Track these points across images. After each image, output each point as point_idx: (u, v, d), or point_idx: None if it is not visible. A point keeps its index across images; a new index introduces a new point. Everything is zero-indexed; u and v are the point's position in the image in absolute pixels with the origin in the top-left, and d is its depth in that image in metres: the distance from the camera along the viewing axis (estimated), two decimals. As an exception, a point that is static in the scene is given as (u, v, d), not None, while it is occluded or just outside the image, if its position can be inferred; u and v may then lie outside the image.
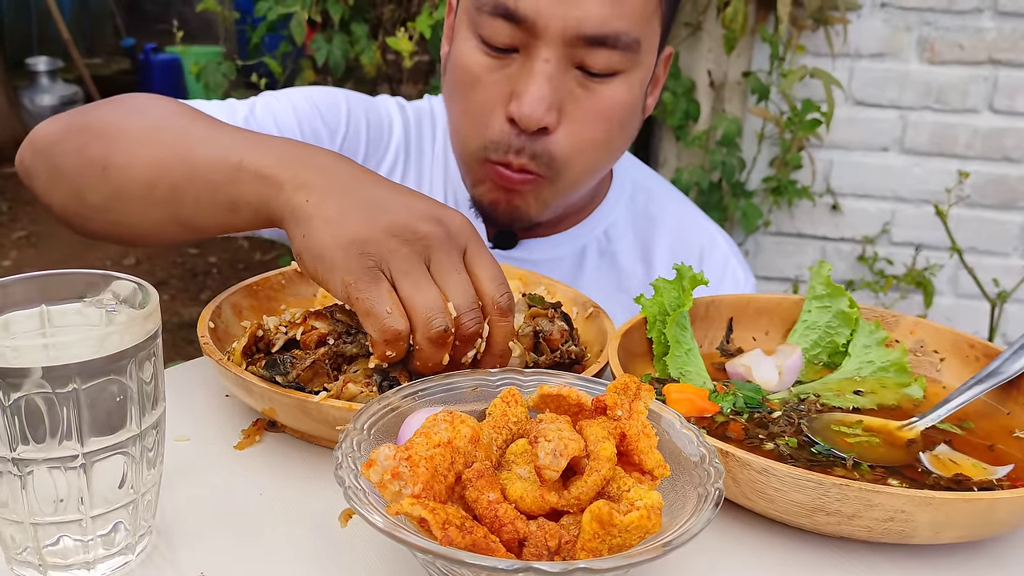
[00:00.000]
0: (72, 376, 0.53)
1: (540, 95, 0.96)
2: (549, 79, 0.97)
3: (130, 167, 0.86)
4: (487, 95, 1.00)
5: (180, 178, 0.83)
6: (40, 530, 0.56)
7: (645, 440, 0.58)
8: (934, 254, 2.62)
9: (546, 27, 0.95)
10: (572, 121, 1.00)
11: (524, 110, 0.96)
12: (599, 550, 0.51)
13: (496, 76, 1.00)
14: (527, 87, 0.97)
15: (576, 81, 0.99)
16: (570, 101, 0.99)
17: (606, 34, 0.96)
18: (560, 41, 0.96)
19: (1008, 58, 2.42)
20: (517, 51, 0.98)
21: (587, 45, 0.96)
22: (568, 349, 0.85)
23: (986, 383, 0.82)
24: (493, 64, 1.00)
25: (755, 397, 0.81)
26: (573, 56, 0.97)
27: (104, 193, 0.88)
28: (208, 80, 2.72)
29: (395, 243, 0.70)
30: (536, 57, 0.97)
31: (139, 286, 0.61)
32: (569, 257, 1.23)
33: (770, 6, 2.43)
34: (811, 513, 0.64)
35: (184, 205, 0.84)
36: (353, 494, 0.52)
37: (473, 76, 1.01)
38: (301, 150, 0.81)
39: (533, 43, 0.97)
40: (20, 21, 7.67)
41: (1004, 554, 0.69)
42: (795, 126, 2.48)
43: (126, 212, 0.88)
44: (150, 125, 0.89)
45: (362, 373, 0.75)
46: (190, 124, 0.88)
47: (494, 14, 0.97)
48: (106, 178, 0.87)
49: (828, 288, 0.94)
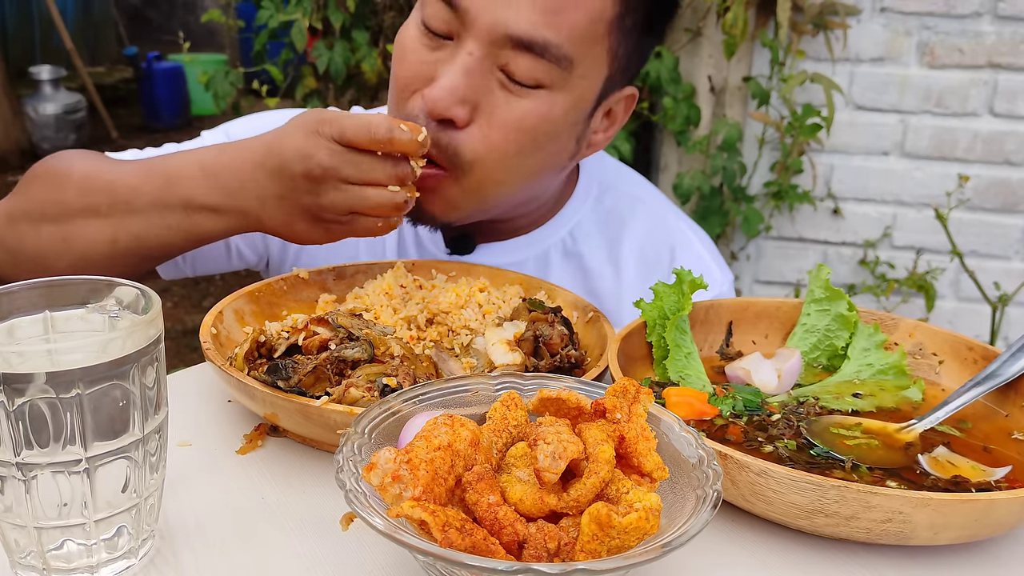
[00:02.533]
0: (75, 381, 0.54)
1: (453, 85, 0.95)
2: (468, 72, 0.95)
3: (87, 233, 0.98)
4: (412, 73, 1.00)
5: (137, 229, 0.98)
6: (44, 534, 0.57)
7: (644, 443, 0.59)
8: (935, 258, 2.62)
9: (476, 19, 0.94)
10: (485, 123, 0.98)
11: (434, 94, 0.95)
12: (598, 552, 0.52)
13: (425, 57, 0.99)
14: (444, 75, 0.96)
15: (498, 83, 0.97)
16: (487, 102, 0.97)
17: (533, 39, 0.94)
18: (487, 37, 0.95)
19: (1008, 62, 2.42)
20: (451, 39, 0.98)
21: (513, 47, 0.95)
22: (568, 353, 0.86)
23: (984, 385, 0.82)
24: (427, 46, 0.99)
25: (754, 400, 0.81)
26: (498, 56, 0.96)
27: (71, 259, 0.99)
28: (217, 89, 2.73)
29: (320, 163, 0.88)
30: (462, 49, 0.96)
31: (141, 292, 0.61)
32: (532, 260, 1.21)
33: (770, 11, 2.44)
34: (810, 515, 0.64)
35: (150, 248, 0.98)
36: (354, 497, 0.52)
37: (405, 51, 1.01)
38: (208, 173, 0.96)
39: (463, 34, 0.96)
40: (23, 30, 7.71)
41: (1002, 555, 0.69)
42: (796, 131, 2.49)
43: (97, 268, 0.98)
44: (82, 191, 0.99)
45: (364, 378, 0.75)
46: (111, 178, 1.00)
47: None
48: (69, 248, 0.99)
49: (827, 291, 0.94)
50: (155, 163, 1.00)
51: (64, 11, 7.01)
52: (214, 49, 7.77)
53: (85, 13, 8.47)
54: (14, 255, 1.02)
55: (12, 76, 6.14)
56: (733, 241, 2.68)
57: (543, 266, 1.22)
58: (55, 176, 1.02)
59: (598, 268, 1.23)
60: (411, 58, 1.00)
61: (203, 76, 2.78)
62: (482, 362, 0.86)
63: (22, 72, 6.51)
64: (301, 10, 2.50)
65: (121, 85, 7.86)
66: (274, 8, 2.57)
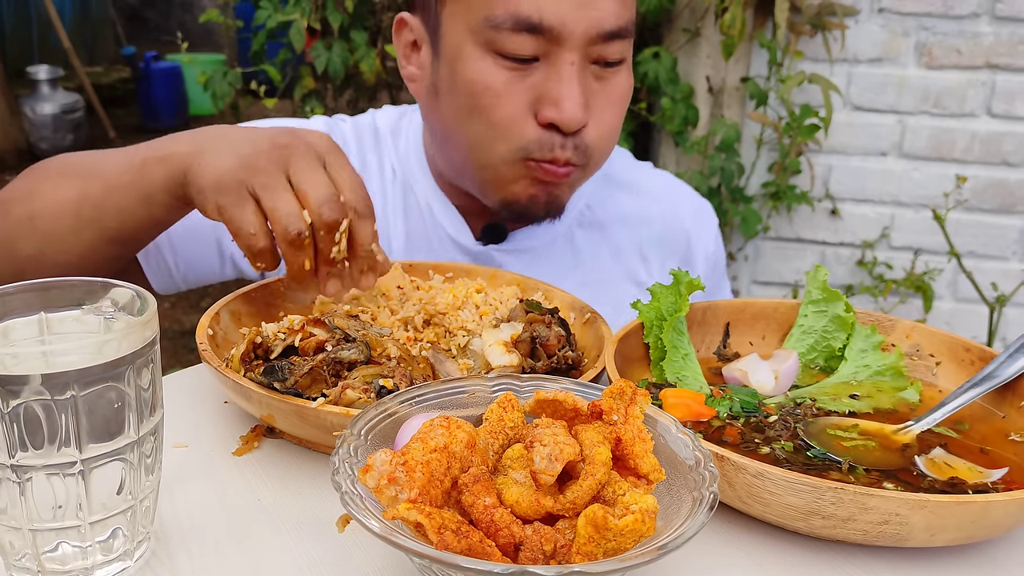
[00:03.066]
0: (70, 383, 0.54)
1: (574, 99, 1.01)
2: (579, 81, 1.02)
3: (54, 207, 0.97)
4: (513, 106, 1.03)
5: (98, 196, 0.95)
6: (39, 536, 0.57)
7: (640, 445, 0.59)
8: (933, 258, 2.62)
9: (572, 33, 1.00)
10: (597, 113, 1.06)
11: (566, 115, 1.01)
12: (594, 554, 0.52)
13: (520, 87, 1.03)
14: (562, 93, 1.01)
15: (593, 75, 1.05)
16: (591, 95, 1.05)
17: (621, 27, 1.03)
18: (583, 43, 1.01)
19: (1006, 62, 2.42)
20: (537, 59, 1.02)
21: (604, 41, 1.02)
22: (565, 354, 0.86)
23: (982, 386, 0.82)
24: (514, 76, 1.03)
25: (751, 401, 0.81)
26: (590, 54, 1.03)
27: (35, 241, 0.98)
28: (215, 89, 2.72)
29: (256, 161, 0.81)
30: (562, 62, 1.01)
31: (137, 294, 0.61)
32: (560, 238, 1.26)
33: (768, 12, 2.44)
34: (806, 517, 0.64)
35: (108, 217, 0.95)
36: (350, 499, 0.52)
37: (495, 91, 1.03)
38: (192, 131, 0.92)
39: (555, 50, 1.01)
40: (21, 30, 7.70)
41: (998, 556, 0.69)
42: (794, 131, 2.49)
43: (60, 249, 0.98)
44: (59, 172, 1.00)
45: (360, 379, 0.75)
46: (93, 156, 1.00)
47: (517, 30, 1.00)
48: (34, 227, 0.98)
49: (824, 292, 0.94)
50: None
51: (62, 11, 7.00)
52: (212, 49, 7.77)
53: (83, 13, 8.46)
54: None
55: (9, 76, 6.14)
56: (731, 242, 2.68)
57: (570, 241, 1.27)
58: (37, 167, 1.04)
59: (617, 231, 1.30)
60: (508, 92, 1.03)
61: (202, 76, 2.77)
62: (479, 363, 0.86)
63: (20, 72, 6.51)
64: (299, 10, 2.50)
65: (119, 85, 7.85)
66: (272, 8, 2.57)
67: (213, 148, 0.86)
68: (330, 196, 0.81)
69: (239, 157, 0.83)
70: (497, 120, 1.04)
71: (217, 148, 0.86)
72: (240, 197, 0.82)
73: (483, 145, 1.07)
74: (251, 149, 0.83)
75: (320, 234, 0.82)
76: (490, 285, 1.03)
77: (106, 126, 6.48)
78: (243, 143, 0.85)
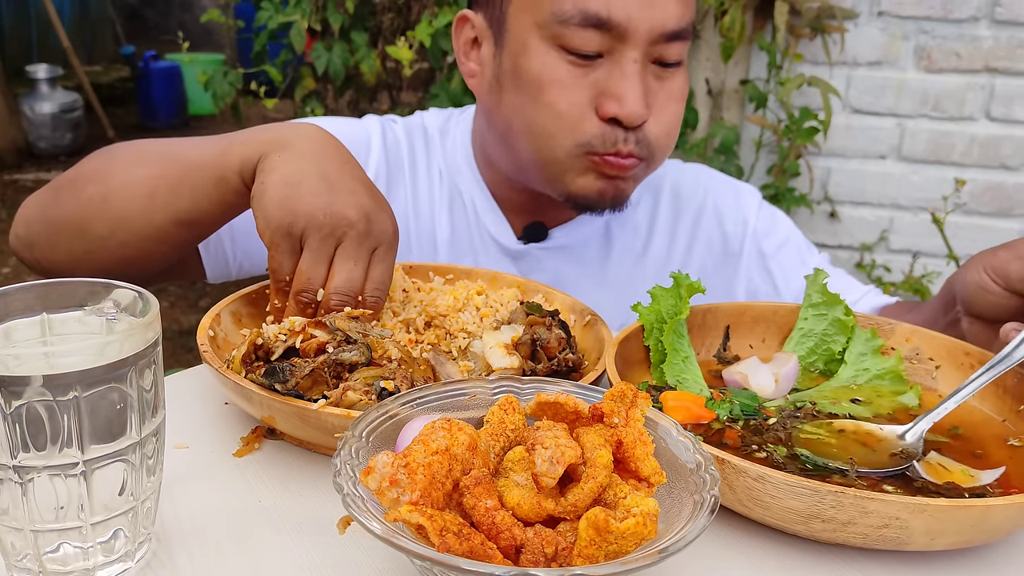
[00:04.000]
0: (73, 384, 0.54)
1: (638, 95, 1.04)
2: (641, 78, 1.05)
3: (129, 187, 0.98)
4: (577, 99, 1.07)
5: (178, 176, 0.95)
6: (40, 537, 0.57)
7: (641, 447, 0.59)
8: (931, 261, 2.63)
9: (636, 31, 1.03)
10: (659, 110, 1.09)
11: (627, 110, 1.04)
12: (595, 556, 0.52)
13: (584, 81, 1.06)
14: (625, 89, 1.04)
15: (653, 75, 1.08)
16: (651, 93, 1.08)
17: (683, 28, 1.06)
18: (646, 41, 1.04)
19: (1005, 66, 2.43)
20: (601, 56, 1.06)
21: (666, 41, 1.06)
22: (565, 357, 0.86)
23: (996, 368, 0.80)
24: (579, 71, 1.06)
25: (751, 405, 0.81)
26: (652, 53, 1.06)
27: (108, 220, 0.99)
28: (216, 89, 2.72)
29: (321, 220, 0.83)
30: (626, 59, 1.05)
31: (139, 295, 0.61)
32: (594, 234, 1.29)
33: (767, 15, 2.45)
34: (807, 520, 0.64)
35: (183, 198, 0.95)
36: (351, 501, 0.52)
37: (560, 84, 1.07)
38: (287, 125, 0.93)
39: (619, 47, 1.05)
40: (20, 29, 7.69)
41: (998, 560, 0.69)
42: (793, 134, 2.49)
43: (129, 230, 0.99)
44: (137, 156, 1.02)
45: (361, 381, 0.75)
46: (173, 144, 1.01)
47: (584, 25, 1.04)
48: (108, 207, 0.99)
49: (824, 296, 0.94)
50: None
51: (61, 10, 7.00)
52: (211, 49, 7.76)
53: (82, 12, 8.46)
54: (55, 226, 1.04)
55: (8, 75, 6.13)
56: (730, 244, 2.68)
57: (604, 238, 1.30)
58: (111, 148, 1.06)
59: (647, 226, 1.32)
60: (573, 86, 1.07)
61: (203, 76, 2.77)
62: (479, 365, 0.86)
63: (19, 71, 6.50)
64: (300, 11, 2.50)
65: (118, 84, 7.84)
66: (273, 9, 2.57)
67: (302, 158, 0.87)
68: (350, 291, 0.84)
69: (312, 203, 0.84)
70: (560, 112, 1.07)
71: (303, 160, 0.87)
72: (291, 245, 0.85)
73: (547, 138, 1.10)
74: (326, 200, 0.84)
75: (321, 311, 0.86)
76: (490, 287, 1.03)
77: (105, 125, 6.47)
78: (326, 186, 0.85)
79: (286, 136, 0.90)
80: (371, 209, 0.86)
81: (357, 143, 1.26)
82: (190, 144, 0.99)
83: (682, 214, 1.33)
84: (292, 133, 0.90)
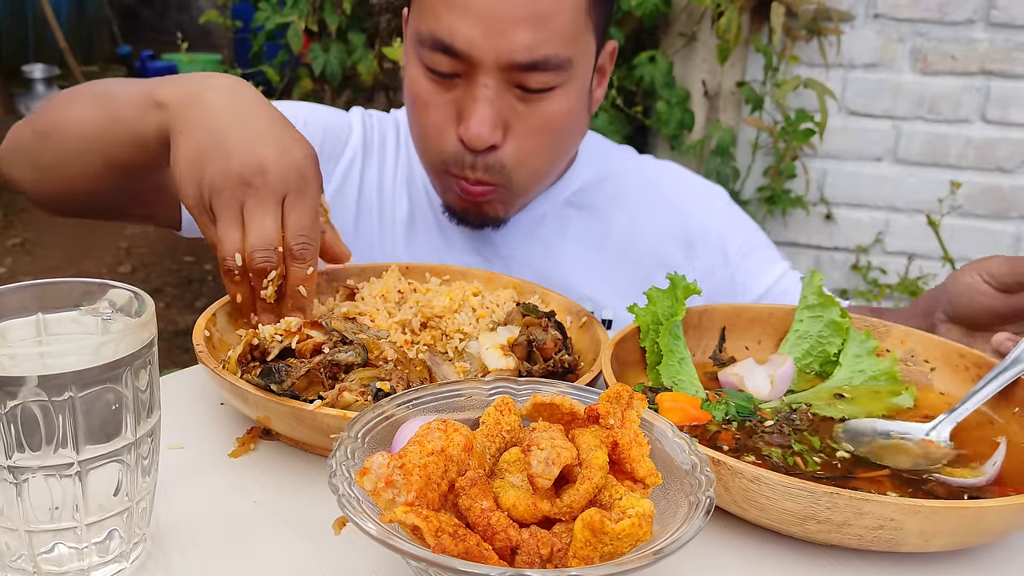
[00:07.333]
0: (68, 385, 0.54)
1: (483, 118, 1.04)
2: (491, 103, 1.04)
3: (67, 125, 1.01)
4: (437, 116, 1.08)
5: (103, 124, 0.97)
6: (35, 537, 0.57)
7: (637, 449, 0.59)
8: (927, 263, 2.63)
9: (481, 59, 1.02)
10: (517, 135, 1.08)
11: (471, 132, 1.04)
12: (591, 558, 0.52)
13: (443, 99, 1.08)
14: (472, 112, 1.04)
15: (517, 98, 1.06)
16: (513, 117, 1.07)
17: (536, 60, 1.03)
18: (494, 68, 1.03)
19: (1000, 69, 2.44)
20: (459, 76, 1.06)
21: (520, 71, 1.03)
22: (561, 358, 0.86)
23: (1012, 370, 0.81)
24: (438, 88, 1.08)
25: (747, 406, 0.82)
26: (510, 79, 1.04)
27: (51, 153, 1.03)
28: (212, 89, 2.71)
29: (221, 185, 0.82)
30: (477, 83, 1.04)
31: (135, 295, 0.61)
32: (550, 213, 1.28)
33: (764, 17, 2.45)
34: (802, 521, 0.64)
35: (111, 144, 0.97)
36: (347, 502, 0.52)
37: (423, 100, 1.09)
38: (200, 77, 0.92)
39: (471, 71, 1.04)
40: (16, 28, 7.68)
41: (992, 562, 0.69)
42: (789, 136, 2.49)
43: (70, 165, 1.02)
44: (82, 93, 1.04)
45: (357, 382, 0.75)
46: (117, 83, 1.01)
47: (434, 48, 1.04)
48: (49, 141, 1.03)
49: (820, 298, 0.95)
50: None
51: (57, 10, 6.99)
52: (207, 49, 7.75)
53: (79, 12, 8.44)
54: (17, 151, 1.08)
55: (5, 74, 6.12)
56: (726, 245, 2.68)
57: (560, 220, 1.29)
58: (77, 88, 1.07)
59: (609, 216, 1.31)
60: (433, 103, 1.08)
61: (200, 76, 2.77)
62: (475, 366, 0.86)
63: (15, 71, 6.49)
64: (297, 12, 2.50)
65: (114, 84, 7.82)
66: (271, 10, 2.57)
67: (203, 127, 0.86)
68: (266, 243, 0.82)
69: (211, 171, 0.83)
70: (424, 126, 1.10)
71: (204, 129, 0.86)
72: (199, 212, 0.85)
73: (419, 146, 1.15)
74: (222, 167, 0.83)
75: (250, 275, 0.84)
76: (487, 288, 1.03)
77: (101, 125, 6.46)
78: (223, 152, 0.84)
79: (197, 91, 0.89)
80: (270, 158, 0.83)
81: (339, 128, 1.30)
82: (123, 89, 0.98)
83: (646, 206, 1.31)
84: (203, 85, 0.90)
